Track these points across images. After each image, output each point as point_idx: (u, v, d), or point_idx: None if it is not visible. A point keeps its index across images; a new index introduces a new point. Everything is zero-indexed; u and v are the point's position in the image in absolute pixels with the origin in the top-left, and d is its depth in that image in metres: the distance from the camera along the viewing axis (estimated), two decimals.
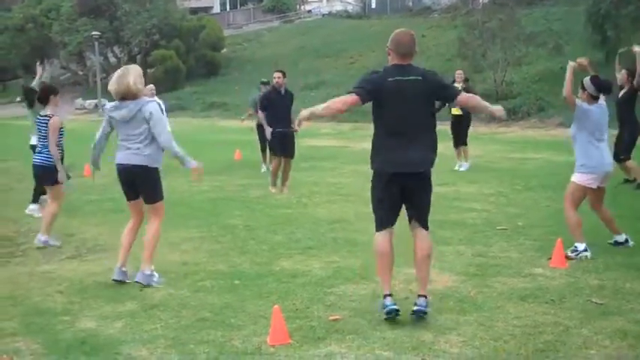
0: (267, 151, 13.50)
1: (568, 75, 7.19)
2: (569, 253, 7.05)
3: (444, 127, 14.97)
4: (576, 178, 7.21)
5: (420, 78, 5.15)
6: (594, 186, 7.17)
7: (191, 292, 6.15)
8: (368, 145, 5.44)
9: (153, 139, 6.32)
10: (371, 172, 5.35)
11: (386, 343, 4.81)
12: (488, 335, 4.92)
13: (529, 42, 28.36)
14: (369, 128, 5.29)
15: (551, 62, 29.47)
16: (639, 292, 5.84)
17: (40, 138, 8.26)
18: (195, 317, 5.45)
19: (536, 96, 26.39)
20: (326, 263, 6.96)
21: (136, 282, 6.32)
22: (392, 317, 5.14)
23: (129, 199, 6.57)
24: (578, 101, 7.11)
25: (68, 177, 8.32)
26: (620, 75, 11.47)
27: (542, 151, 17.09)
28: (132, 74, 6.27)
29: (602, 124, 7.20)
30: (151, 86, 16.04)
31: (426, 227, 5.32)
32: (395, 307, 5.15)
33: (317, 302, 5.75)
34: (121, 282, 6.40)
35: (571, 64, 7.33)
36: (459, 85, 13.85)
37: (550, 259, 6.80)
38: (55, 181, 8.21)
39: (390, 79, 5.11)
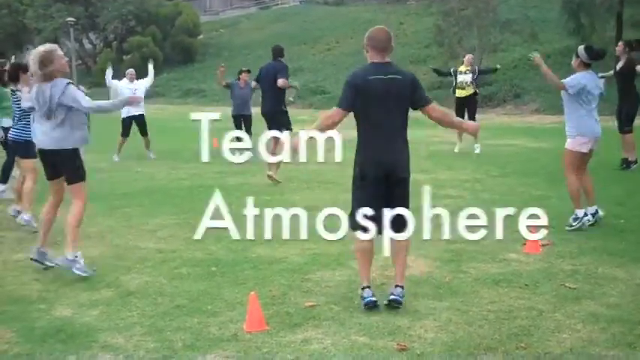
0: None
1: (544, 70, 7.40)
2: (572, 223, 7.36)
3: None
4: (569, 144, 7.41)
5: (399, 77, 5.19)
6: (586, 150, 7.34)
7: (167, 279, 6.14)
8: (344, 133, 5.43)
9: None
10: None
11: (362, 329, 4.84)
12: (463, 320, 4.97)
13: (505, 29, 28.53)
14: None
15: (527, 49, 29.54)
16: (611, 277, 5.93)
17: (15, 113, 8.55)
18: (171, 304, 5.45)
19: (512, 83, 26.59)
20: (302, 250, 6.98)
21: (56, 264, 6.28)
22: (370, 308, 5.16)
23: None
24: (567, 80, 7.26)
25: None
26: (618, 46, 11.61)
27: (518, 138, 17.21)
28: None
29: (592, 91, 7.36)
30: (131, 70, 15.85)
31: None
32: (373, 298, 5.17)
33: (294, 289, 5.77)
34: (39, 262, 6.45)
35: (535, 57, 7.47)
36: (467, 68, 14.41)
37: (524, 244, 6.87)
38: (27, 155, 8.27)
39: (369, 77, 5.14)
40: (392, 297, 5.20)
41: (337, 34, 43.09)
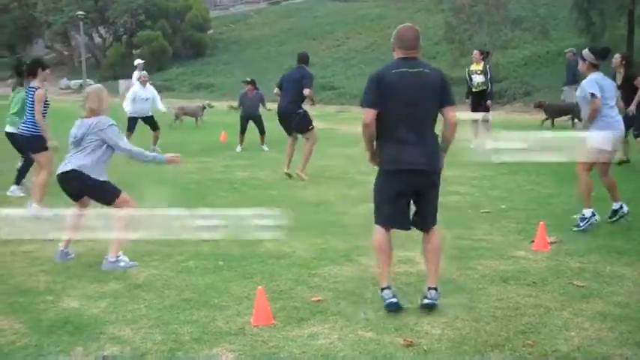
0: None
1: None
2: (580, 223, 7.34)
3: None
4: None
5: (427, 70, 5.02)
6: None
7: (175, 272, 6.16)
8: (353, 128, 5.43)
9: None
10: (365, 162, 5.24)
11: (369, 324, 4.84)
12: (470, 317, 4.96)
13: (515, 26, 28.46)
14: (354, 110, 5.28)
15: (537, 47, 29.59)
16: (619, 275, 5.91)
17: (27, 108, 8.64)
18: (179, 297, 5.46)
19: (522, 80, 26.53)
20: (310, 245, 6.98)
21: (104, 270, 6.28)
22: (393, 310, 5.04)
23: None
24: (591, 93, 7.24)
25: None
26: (614, 59, 11.46)
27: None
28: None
29: (609, 89, 7.37)
30: (144, 73, 15.86)
31: (434, 223, 5.20)
32: (394, 300, 5.06)
33: (301, 283, 5.78)
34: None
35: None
36: (478, 68, 14.35)
37: (532, 242, 6.86)
38: (40, 149, 8.56)
39: (393, 71, 4.97)
40: (426, 301, 5.08)
41: (347, 30, 43.02)
